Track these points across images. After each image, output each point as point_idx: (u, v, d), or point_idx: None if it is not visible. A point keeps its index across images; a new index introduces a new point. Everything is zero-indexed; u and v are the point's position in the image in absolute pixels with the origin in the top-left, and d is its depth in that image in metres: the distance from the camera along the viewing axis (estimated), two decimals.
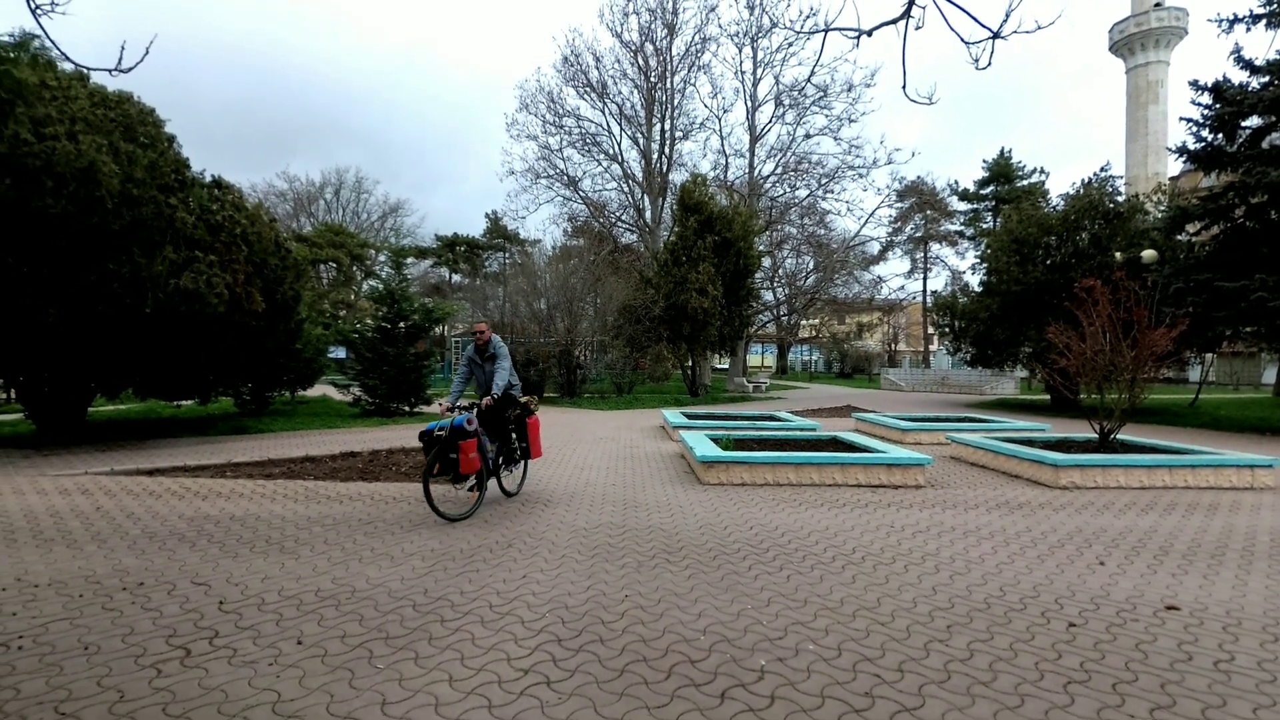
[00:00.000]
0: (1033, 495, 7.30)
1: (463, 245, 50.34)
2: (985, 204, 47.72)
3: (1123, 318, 9.04)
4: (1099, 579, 4.44)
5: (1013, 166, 46.46)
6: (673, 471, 8.64)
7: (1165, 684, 2.99)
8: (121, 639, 3.34)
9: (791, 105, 31.71)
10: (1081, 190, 20.72)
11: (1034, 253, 19.93)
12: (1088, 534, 5.63)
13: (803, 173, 33.03)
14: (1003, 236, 21.13)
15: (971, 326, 21.75)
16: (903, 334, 56.79)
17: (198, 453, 9.54)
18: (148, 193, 8.75)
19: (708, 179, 26.87)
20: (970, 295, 23.31)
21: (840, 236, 37.82)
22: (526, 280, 24.36)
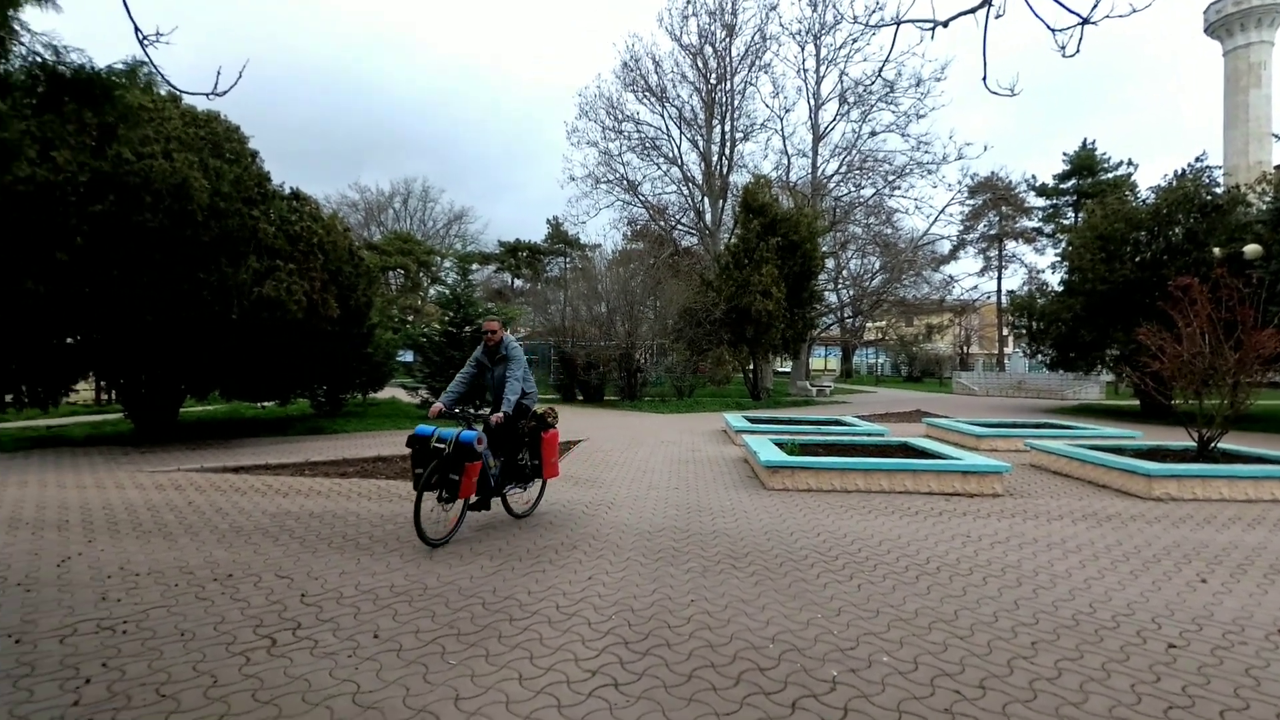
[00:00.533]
0: (1123, 507, 6.86)
1: (525, 251, 51.36)
2: (1065, 199, 45.43)
3: (1224, 317, 8.41)
4: (1201, 598, 4.13)
5: (1096, 159, 44.06)
6: (736, 476, 8.54)
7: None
8: (213, 627, 3.53)
9: (856, 102, 31.00)
10: (1175, 182, 19.41)
11: (1121, 249, 18.80)
12: (1186, 549, 5.25)
13: (868, 171, 32.24)
14: (1086, 233, 20.02)
15: (1052, 328, 20.67)
16: (975, 336, 54.56)
17: (278, 452, 10.03)
18: (233, 205, 9.30)
19: (770, 180, 26.54)
20: (1050, 295, 22.15)
21: (908, 235, 36.72)
22: (587, 284, 24.62)
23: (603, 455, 10.13)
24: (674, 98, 31.99)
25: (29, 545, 5.05)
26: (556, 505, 6.56)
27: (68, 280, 8.55)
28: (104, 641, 3.34)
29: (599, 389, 22.39)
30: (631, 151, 33.33)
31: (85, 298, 8.68)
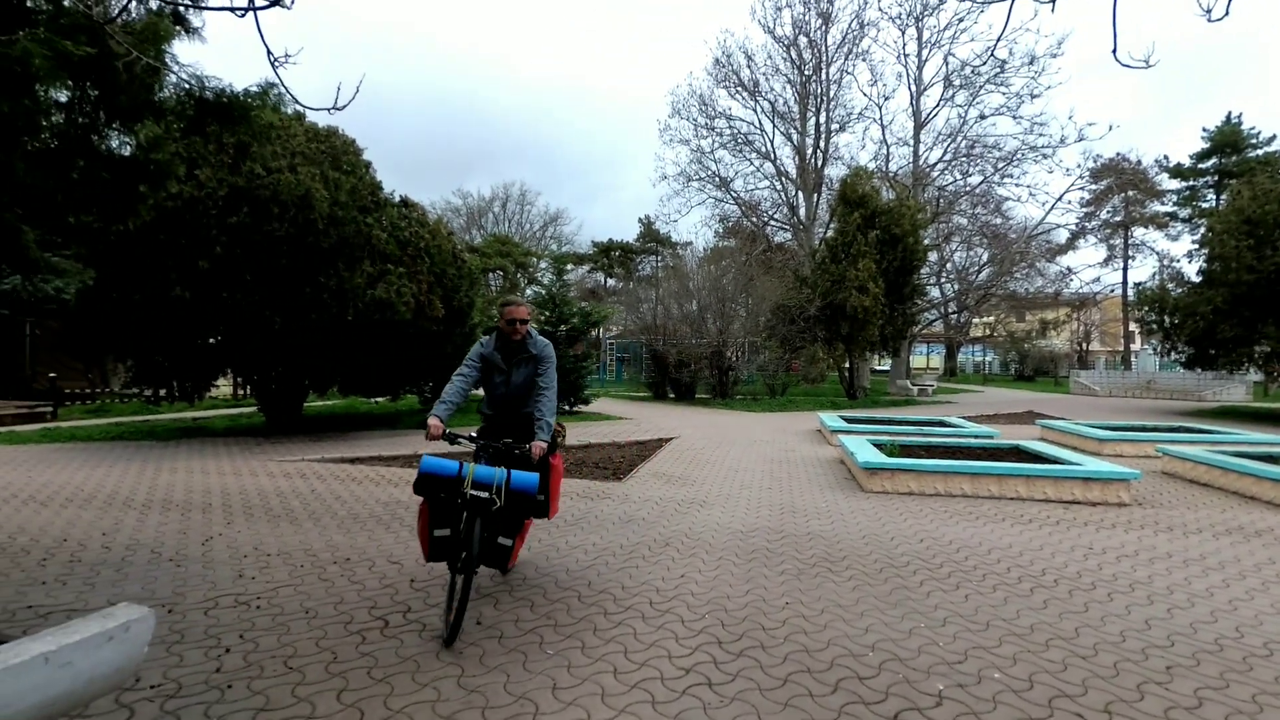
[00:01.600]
0: (1276, 521, 6.16)
1: (617, 250, 52.03)
2: (1205, 180, 41.19)
3: None
4: None
5: (1242, 134, 39.66)
6: (832, 477, 8.31)
7: None
8: (334, 606, 3.79)
9: (963, 85, 29.40)
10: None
11: (1273, 235, 16.83)
12: None
13: (976, 158, 30.48)
14: (1230, 216, 18.06)
15: (1188, 322, 18.78)
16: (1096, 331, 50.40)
17: (390, 444, 10.66)
18: (349, 214, 9.97)
19: (869, 171, 25.60)
20: (1186, 286, 20.15)
21: (1020, 225, 34.43)
22: (678, 282, 24.64)
23: (694, 453, 10.12)
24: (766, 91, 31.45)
25: (178, 525, 5.62)
26: (649, 502, 6.62)
27: (209, 286, 9.45)
28: (240, 615, 3.66)
29: (690, 387, 22.37)
30: (723, 148, 33.07)
31: (223, 302, 9.57)
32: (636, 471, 8.40)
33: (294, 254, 9.70)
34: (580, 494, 6.98)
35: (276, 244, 9.54)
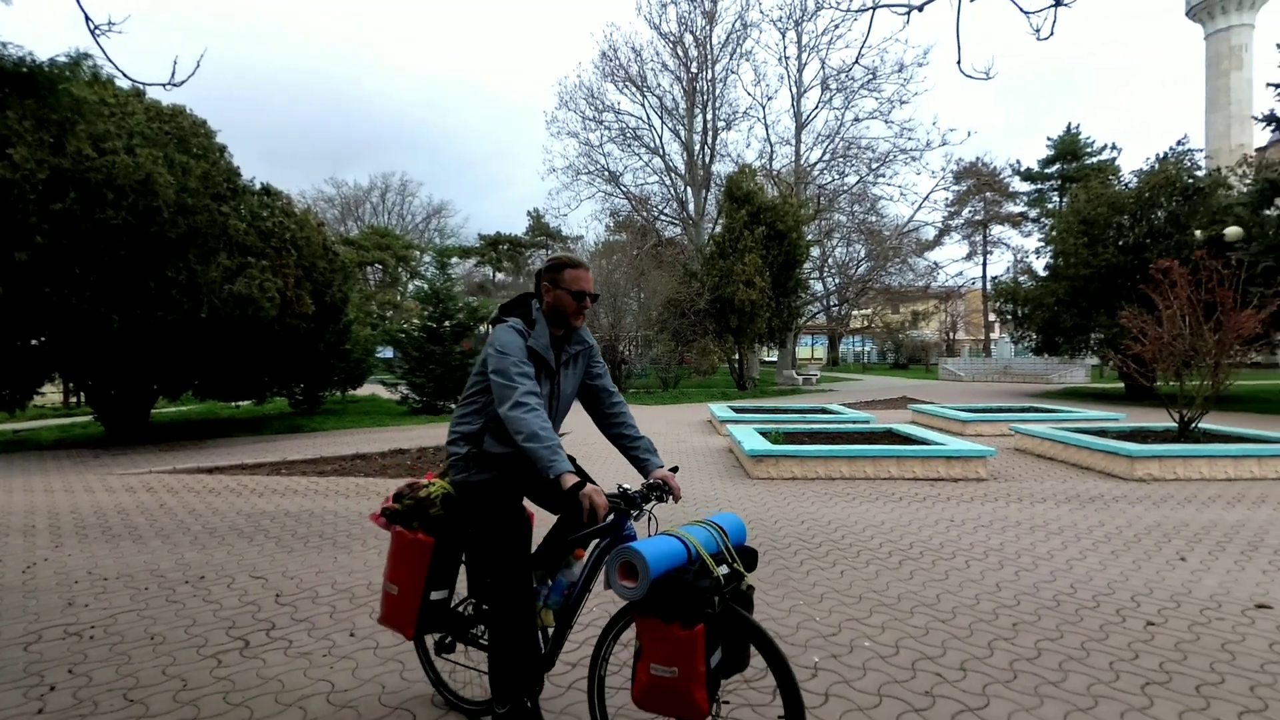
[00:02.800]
0: (1106, 488, 6.90)
1: (505, 244, 51.08)
2: (1050, 184, 45.65)
3: (1204, 299, 8.47)
4: (1180, 576, 4.14)
5: (1080, 143, 44.27)
6: (720, 466, 8.51)
7: (1255, 686, 2.74)
8: (185, 630, 3.44)
9: (839, 89, 31.02)
10: (1157, 166, 19.56)
11: (1104, 233, 18.92)
12: (1167, 528, 5.27)
13: (852, 158, 32.30)
14: (1070, 217, 20.14)
15: (1036, 313, 20.81)
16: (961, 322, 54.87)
17: (254, 451, 9.89)
18: (201, 201, 9.11)
19: (754, 169, 26.49)
20: (1035, 279, 22.30)
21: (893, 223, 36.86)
22: None
23: (586, 448, 10.07)
24: (654, 87, 31.84)
25: None
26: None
27: (27, 281, 8.32)
28: (70, 647, 3.25)
29: None
30: (612, 142, 33.19)
31: (46, 299, 8.46)
32: None
33: (135, 245, 8.72)
34: None
35: (113, 234, 8.53)
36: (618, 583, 1.90)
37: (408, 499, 2.45)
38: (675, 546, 1.96)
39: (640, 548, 1.87)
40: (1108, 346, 16.47)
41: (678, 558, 1.94)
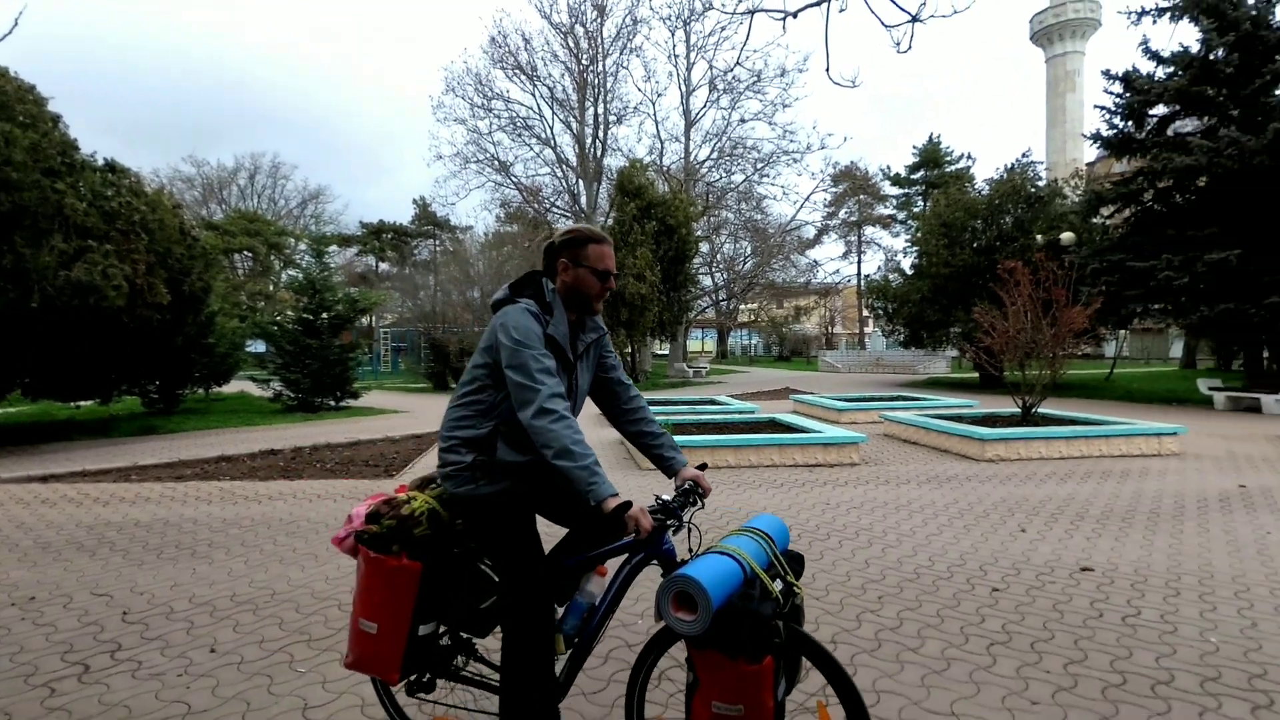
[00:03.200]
0: (961, 469, 7.56)
1: (389, 232, 48.82)
2: (916, 189, 49.26)
3: (1043, 297, 9.45)
4: (1020, 545, 4.62)
5: (941, 152, 48.05)
6: (613, 458, 8.59)
7: (1079, 640, 3.11)
8: (9, 658, 3.06)
9: (726, 90, 31.84)
10: (1005, 175, 21.59)
11: (961, 236, 20.67)
12: (1011, 503, 5.86)
13: (738, 157, 33.29)
14: (932, 220, 21.84)
15: (904, 308, 22.44)
16: (839, 317, 58.27)
17: (99, 456, 8.90)
18: (30, 176, 8.06)
19: (645, 164, 26.78)
20: (903, 278, 24.04)
21: (777, 221, 38.41)
22: (459, 267, 23.82)
23: None
24: (545, 77, 31.38)
25: None
26: None
27: None
28: None
29: None
30: (502, 131, 32.40)
31: None
32: (412, 466, 7.96)
33: None
34: (346, 495, 6.43)
35: None
36: (673, 615, 1.66)
37: (388, 519, 2.02)
38: (730, 567, 1.73)
39: (697, 575, 1.63)
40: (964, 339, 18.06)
41: (735, 580, 1.72)
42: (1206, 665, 2.86)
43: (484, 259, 24.80)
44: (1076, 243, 17.51)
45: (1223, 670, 2.81)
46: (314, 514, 5.68)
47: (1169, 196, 17.11)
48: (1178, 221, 16.31)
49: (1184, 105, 16.73)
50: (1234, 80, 15.56)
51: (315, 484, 6.99)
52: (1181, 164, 15.30)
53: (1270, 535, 4.81)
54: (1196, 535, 4.83)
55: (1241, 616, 3.37)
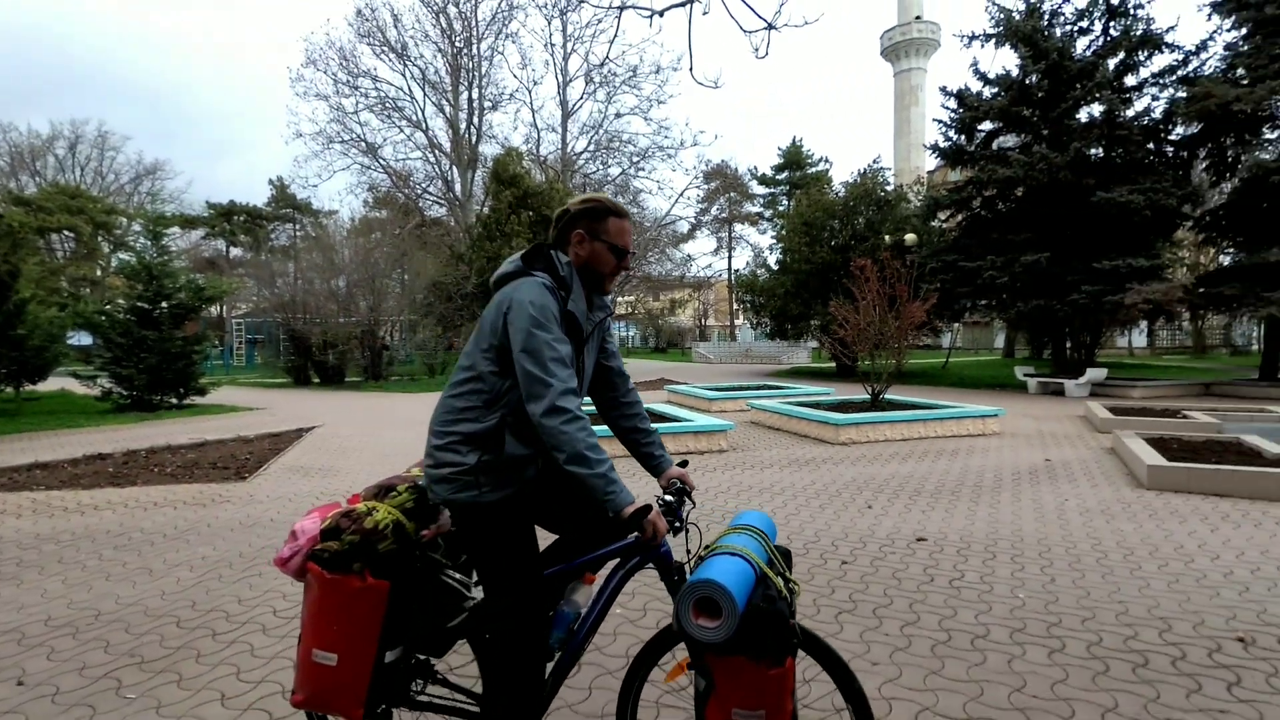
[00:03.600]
0: (818, 452, 8.12)
1: (242, 214, 44.82)
2: (781, 188, 51.87)
3: (889, 293, 10.31)
4: (867, 521, 5.06)
5: (803, 155, 50.87)
6: None
7: (913, 604, 3.47)
8: None
9: (602, 83, 31.92)
10: (859, 179, 23.26)
11: (820, 234, 22.07)
12: (860, 482, 6.38)
13: (615, 151, 33.53)
14: (795, 219, 23.15)
15: (770, 302, 23.67)
16: (711, 310, 60.33)
17: None
18: None
19: (521, 152, 26.33)
20: (769, 273, 25.31)
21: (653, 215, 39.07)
22: (322, 254, 22.31)
23: (340, 441, 9.33)
24: (416, 57, 30.00)
25: None
26: (280, 501, 5.89)
27: None
28: None
29: (339, 370, 20.53)
30: (370, 110, 30.67)
31: None
32: (267, 468, 7.40)
33: None
34: (189, 501, 5.88)
35: None
36: (694, 624, 1.57)
37: (349, 533, 1.79)
38: (742, 568, 1.66)
39: (720, 579, 1.55)
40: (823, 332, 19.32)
41: (749, 580, 1.65)
42: (1015, 619, 3.28)
43: (350, 246, 23.34)
44: (918, 244, 19.24)
45: (1028, 622, 3.24)
46: (149, 524, 5.15)
47: (994, 204, 19.23)
48: (1000, 227, 18.38)
49: (1006, 123, 18.85)
50: (1045, 103, 17.72)
51: (151, 491, 6.33)
52: (1003, 175, 17.24)
53: (1068, 502, 5.57)
54: (1010, 505, 5.50)
55: (1044, 574, 3.89)
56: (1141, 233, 16.77)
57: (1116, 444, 7.63)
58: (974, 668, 2.80)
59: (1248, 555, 4.17)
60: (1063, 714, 2.45)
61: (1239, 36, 16.63)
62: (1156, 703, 2.51)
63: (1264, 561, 4.05)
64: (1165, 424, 9.08)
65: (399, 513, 1.87)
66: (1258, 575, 3.82)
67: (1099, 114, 17.09)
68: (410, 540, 1.87)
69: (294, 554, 1.86)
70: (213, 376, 15.77)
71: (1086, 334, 18.75)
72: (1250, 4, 15.94)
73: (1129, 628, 3.16)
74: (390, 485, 1.99)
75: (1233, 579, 3.77)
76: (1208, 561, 4.06)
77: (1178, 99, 16.78)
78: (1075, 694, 2.58)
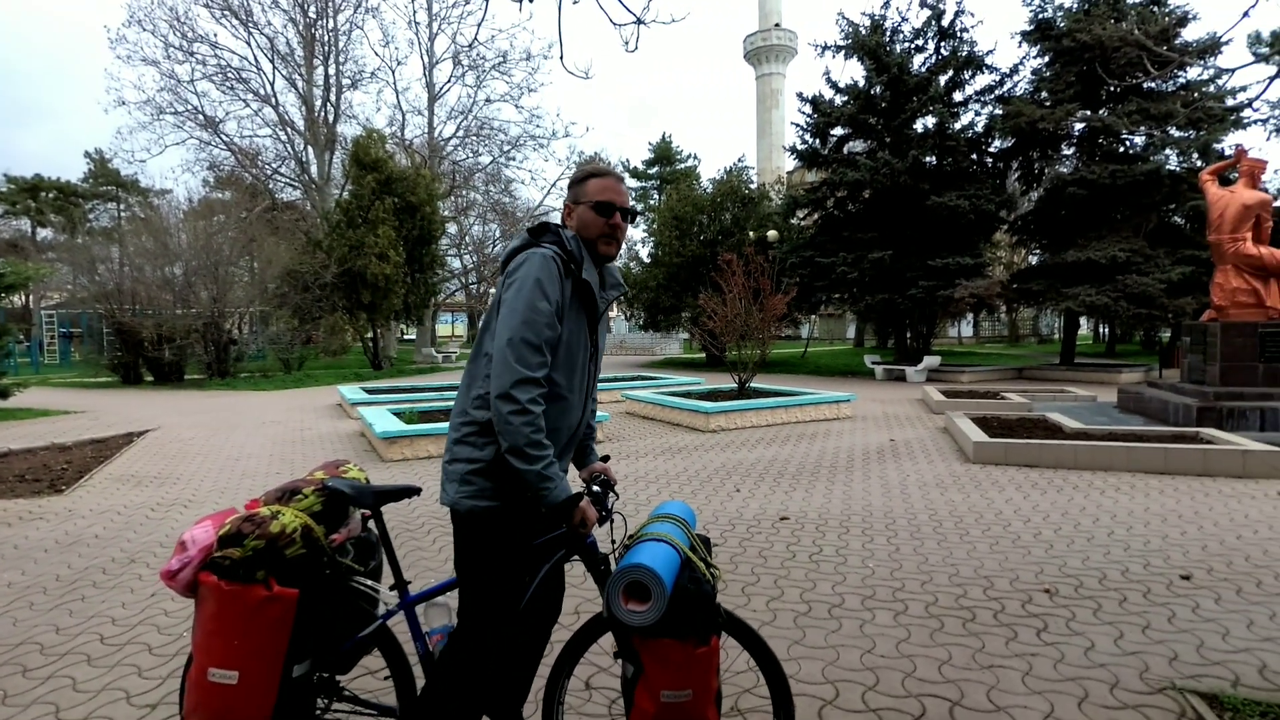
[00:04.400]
0: (690, 440, 8.40)
1: (51, 190, 39.15)
2: (652, 182, 52.82)
3: (753, 286, 10.83)
4: (736, 503, 5.32)
5: (673, 151, 52.07)
6: (350, 451, 7.99)
7: (777, 579, 3.70)
8: None
9: (471, 67, 30.96)
10: (725, 177, 24.16)
11: (690, 229, 22.73)
12: (729, 467, 6.68)
13: (485, 138, 32.66)
14: (665, 213, 23.68)
15: (642, 294, 24.06)
16: None
17: None
18: None
19: (385, 136, 24.95)
20: (641, 266, 25.73)
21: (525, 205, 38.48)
22: (154, 238, 19.95)
23: (179, 446, 8.45)
24: (264, 25, 27.59)
25: None
26: (106, 515, 5.25)
27: None
28: None
29: (177, 367, 18.52)
30: (209, 80, 27.84)
31: None
32: (89, 478, 6.57)
33: None
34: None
35: None
36: (623, 609, 1.59)
37: (253, 539, 1.64)
38: (668, 553, 1.69)
39: (648, 563, 1.58)
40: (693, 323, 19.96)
41: (675, 565, 1.68)
42: (865, 586, 3.59)
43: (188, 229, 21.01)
44: (779, 240, 20.34)
45: (876, 589, 3.56)
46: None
47: (845, 205, 20.73)
48: (851, 225, 19.85)
49: (855, 129, 20.33)
50: (888, 112, 19.29)
51: None
52: (852, 178, 18.62)
53: (909, 478, 6.15)
54: (861, 482, 6.00)
55: (890, 544, 4.28)
56: (968, 234, 18.76)
57: (948, 423, 8.51)
58: (831, 634, 3.04)
59: (1051, 517, 4.81)
60: (906, 670, 2.72)
61: (1043, 63, 18.99)
62: (983, 652, 2.86)
63: (1064, 522, 4.70)
64: (987, 405, 10.25)
65: (307, 516, 1.77)
66: (1059, 534, 4.43)
67: (932, 125, 18.88)
68: (319, 545, 1.76)
69: (183, 566, 1.67)
70: (17, 376, 13.70)
71: (923, 325, 20.71)
72: (1051, 35, 18.25)
73: (959, 587, 3.55)
74: (294, 488, 1.87)
75: (1040, 538, 4.35)
76: (1021, 524, 4.65)
77: (996, 115, 18.92)
78: (916, 651, 2.87)
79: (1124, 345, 33.12)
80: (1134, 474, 6.18)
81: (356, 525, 1.91)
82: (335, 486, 1.86)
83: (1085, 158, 18.50)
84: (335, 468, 2.08)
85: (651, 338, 34.00)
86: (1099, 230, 17.51)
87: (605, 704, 2.53)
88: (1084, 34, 16.98)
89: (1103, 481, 5.90)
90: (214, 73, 27.71)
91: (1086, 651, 2.84)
